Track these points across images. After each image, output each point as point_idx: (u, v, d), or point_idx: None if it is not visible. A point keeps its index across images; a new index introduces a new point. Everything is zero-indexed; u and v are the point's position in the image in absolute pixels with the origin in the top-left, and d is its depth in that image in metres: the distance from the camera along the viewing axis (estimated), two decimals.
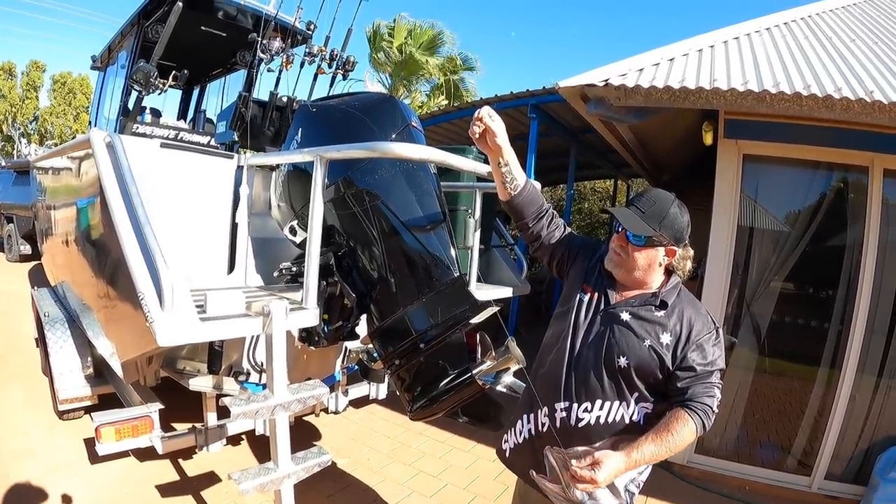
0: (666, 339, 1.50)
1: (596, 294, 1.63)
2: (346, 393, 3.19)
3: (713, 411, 1.47)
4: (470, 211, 2.77)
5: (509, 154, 1.64)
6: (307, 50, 3.20)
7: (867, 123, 2.98)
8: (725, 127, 3.27)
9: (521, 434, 1.74)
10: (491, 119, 1.56)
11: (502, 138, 1.58)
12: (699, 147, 3.86)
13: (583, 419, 1.54)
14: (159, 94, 3.20)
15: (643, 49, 3.57)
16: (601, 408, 1.53)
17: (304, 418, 3.77)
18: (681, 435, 1.42)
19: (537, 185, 2.29)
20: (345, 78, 3.33)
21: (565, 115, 6.08)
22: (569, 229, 1.82)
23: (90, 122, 4.82)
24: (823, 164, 3.38)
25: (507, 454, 1.80)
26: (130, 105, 3.39)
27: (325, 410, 3.25)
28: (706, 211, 3.31)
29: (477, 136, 1.59)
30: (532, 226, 1.75)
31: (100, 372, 3.28)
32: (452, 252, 2.12)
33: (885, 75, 3.34)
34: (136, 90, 3.12)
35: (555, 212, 1.81)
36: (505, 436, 1.82)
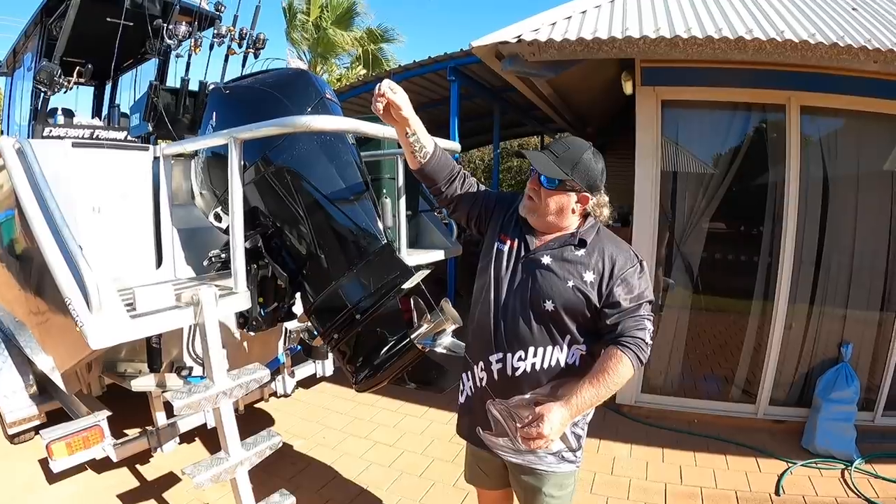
0: (589, 276, 1.51)
1: (515, 242, 1.63)
2: (292, 374, 3.18)
3: (646, 343, 1.48)
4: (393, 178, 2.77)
5: (416, 123, 1.63)
6: (215, 31, 3.10)
7: (781, 63, 3.09)
8: (642, 75, 3.33)
9: (462, 394, 1.76)
10: (392, 92, 1.54)
11: (407, 109, 1.57)
12: (621, 97, 3.94)
13: (518, 367, 1.56)
14: (65, 92, 3.05)
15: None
16: (535, 354, 1.54)
17: (255, 405, 3.74)
18: (617, 372, 1.43)
19: (453, 145, 2.29)
20: (256, 56, 3.24)
21: (485, 76, 6.10)
22: (483, 187, 1.82)
23: (2, 131, 4.58)
24: (742, 104, 3.49)
25: (457, 420, 1.82)
26: (39, 108, 3.23)
27: (275, 395, 3.25)
28: (633, 162, 3.41)
29: (381, 111, 1.57)
30: (445, 190, 1.76)
31: (43, 388, 3.18)
32: (378, 222, 2.12)
33: (795, 15, 3.47)
34: (41, 91, 2.97)
35: (467, 172, 1.81)
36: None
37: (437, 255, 3.09)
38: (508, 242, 1.64)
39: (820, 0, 3.90)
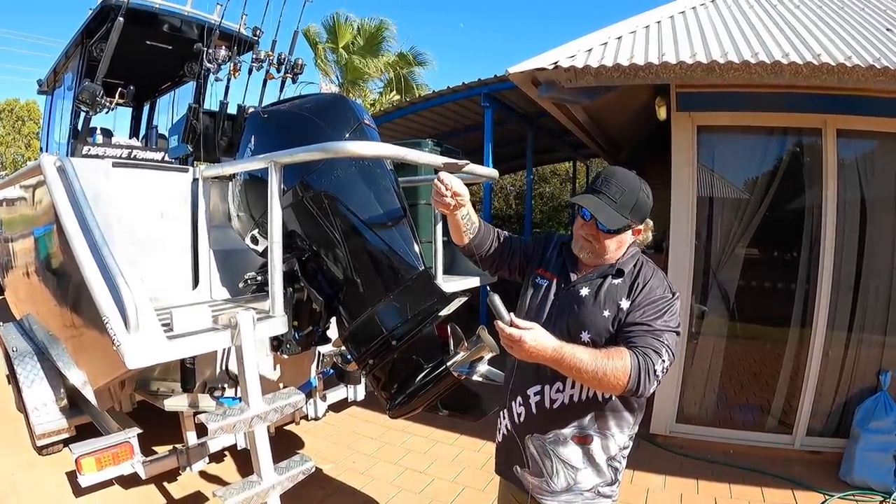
0: (625, 304, 1.49)
1: (555, 276, 1.64)
2: (324, 398, 3.17)
3: (654, 370, 1.37)
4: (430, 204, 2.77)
5: (468, 204, 1.69)
6: (254, 56, 3.16)
7: (817, 86, 3.05)
8: (678, 100, 3.31)
9: (500, 432, 1.74)
10: (452, 184, 1.62)
11: (466, 195, 1.65)
12: (654, 122, 3.91)
13: (556, 399, 1.54)
14: (107, 112, 3.12)
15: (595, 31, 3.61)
16: (573, 386, 1.52)
17: (285, 427, 3.74)
18: (612, 362, 1.34)
19: (492, 172, 2.28)
20: (294, 81, 3.30)
21: (519, 102, 6.10)
22: (515, 237, 1.85)
23: (41, 148, 4.71)
24: (778, 129, 3.45)
25: (495, 458, 1.80)
26: (80, 127, 3.31)
27: (306, 418, 3.24)
28: (665, 186, 3.36)
29: (453, 205, 1.64)
30: (486, 256, 1.80)
31: (74, 402, 3.20)
32: (416, 247, 2.11)
33: (830, 38, 3.42)
34: (83, 111, 3.05)
35: (498, 230, 1.85)
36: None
37: (473, 282, 3.08)
38: (548, 277, 1.65)
39: (854, 22, 3.85)
